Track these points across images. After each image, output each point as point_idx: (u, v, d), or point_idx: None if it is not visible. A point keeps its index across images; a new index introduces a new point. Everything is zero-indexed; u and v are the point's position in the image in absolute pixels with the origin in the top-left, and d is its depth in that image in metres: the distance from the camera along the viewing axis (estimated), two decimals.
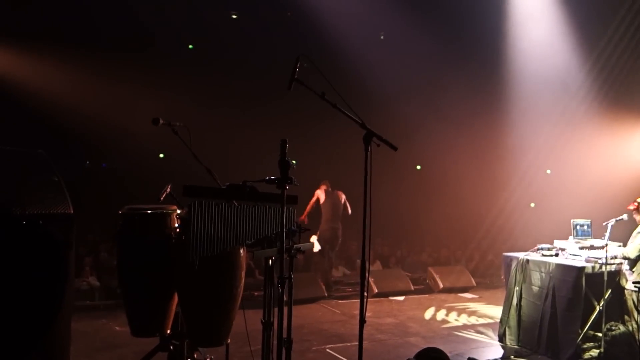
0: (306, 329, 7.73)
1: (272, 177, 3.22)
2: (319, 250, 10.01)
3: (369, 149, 3.39)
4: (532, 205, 13.84)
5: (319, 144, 12.81)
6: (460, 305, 9.28)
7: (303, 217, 9.90)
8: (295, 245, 3.54)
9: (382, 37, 13.37)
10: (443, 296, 9.90)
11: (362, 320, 3.61)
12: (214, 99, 12.23)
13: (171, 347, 4.35)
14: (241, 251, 3.94)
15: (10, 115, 10.13)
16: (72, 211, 4.28)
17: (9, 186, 4.14)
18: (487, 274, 11.67)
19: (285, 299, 3.47)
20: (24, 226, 3.95)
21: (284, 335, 3.53)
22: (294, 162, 3.19)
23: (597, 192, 9.64)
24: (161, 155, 13.44)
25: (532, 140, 11.73)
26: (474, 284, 10.43)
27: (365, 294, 3.59)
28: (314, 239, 9.99)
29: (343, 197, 10.22)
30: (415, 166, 16.08)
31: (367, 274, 3.47)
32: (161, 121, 4.16)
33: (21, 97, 10.50)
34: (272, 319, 3.72)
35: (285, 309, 3.49)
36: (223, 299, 3.90)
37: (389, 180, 14.07)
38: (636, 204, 6.69)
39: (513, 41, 11.14)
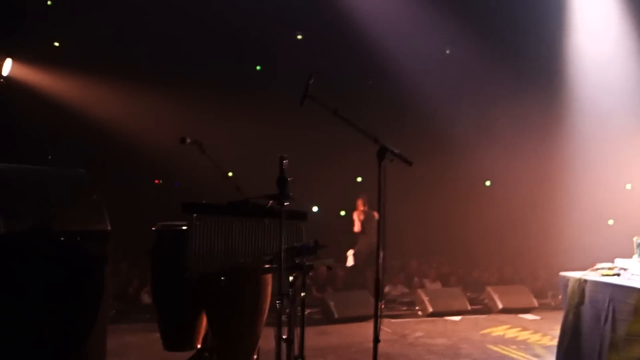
0: (354, 348, 7.63)
1: (271, 194, 3.24)
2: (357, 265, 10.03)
3: (383, 164, 3.34)
4: (611, 222, 13.11)
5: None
6: (519, 326, 8.88)
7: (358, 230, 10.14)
8: (307, 262, 3.53)
9: (447, 52, 13.05)
10: (502, 317, 9.51)
11: (376, 340, 3.54)
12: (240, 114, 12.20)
13: None
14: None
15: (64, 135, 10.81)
16: (109, 228, 4.49)
17: (52, 204, 4.40)
18: (553, 295, 11.11)
19: (291, 315, 3.45)
20: (62, 242, 4.18)
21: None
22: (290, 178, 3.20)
23: None
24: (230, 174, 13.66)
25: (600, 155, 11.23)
26: (536, 304, 9.96)
27: (379, 312, 3.48)
28: (350, 253, 10.00)
29: (377, 216, 10.28)
30: (484, 182, 15.61)
31: (380, 293, 3.39)
32: (188, 140, 4.24)
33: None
34: (292, 337, 3.71)
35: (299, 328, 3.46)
36: (247, 314, 3.94)
37: (457, 197, 13.82)
38: None
39: (577, 51, 10.73)
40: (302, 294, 3.54)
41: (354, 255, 10.09)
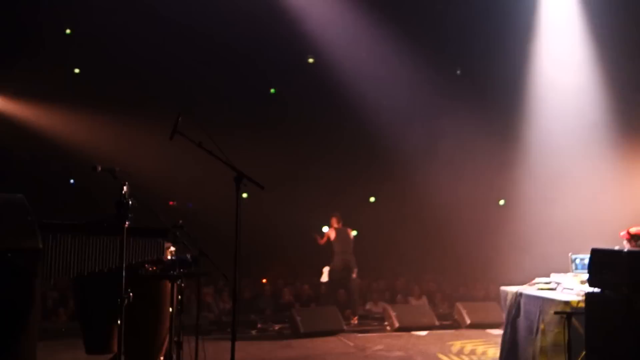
0: None
1: (111, 214, 3.80)
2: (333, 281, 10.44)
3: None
4: None
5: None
6: (481, 340, 9.13)
7: (323, 242, 10.65)
8: (175, 274, 4.05)
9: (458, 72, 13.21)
10: (469, 332, 9.74)
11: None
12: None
13: None
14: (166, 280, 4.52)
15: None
16: (40, 246, 5.09)
17: None
18: None
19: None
20: None
21: None
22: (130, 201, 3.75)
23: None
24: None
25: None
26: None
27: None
28: (325, 269, 10.48)
29: (352, 233, 10.68)
30: (498, 201, 15.68)
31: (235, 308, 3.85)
32: (99, 168, 4.67)
33: None
34: (181, 340, 4.23)
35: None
36: (150, 320, 4.47)
37: (453, 217, 14.06)
38: (627, 233, 6.57)
39: (538, 79, 11.10)
40: (179, 298, 4.05)
41: (330, 271, 10.56)
